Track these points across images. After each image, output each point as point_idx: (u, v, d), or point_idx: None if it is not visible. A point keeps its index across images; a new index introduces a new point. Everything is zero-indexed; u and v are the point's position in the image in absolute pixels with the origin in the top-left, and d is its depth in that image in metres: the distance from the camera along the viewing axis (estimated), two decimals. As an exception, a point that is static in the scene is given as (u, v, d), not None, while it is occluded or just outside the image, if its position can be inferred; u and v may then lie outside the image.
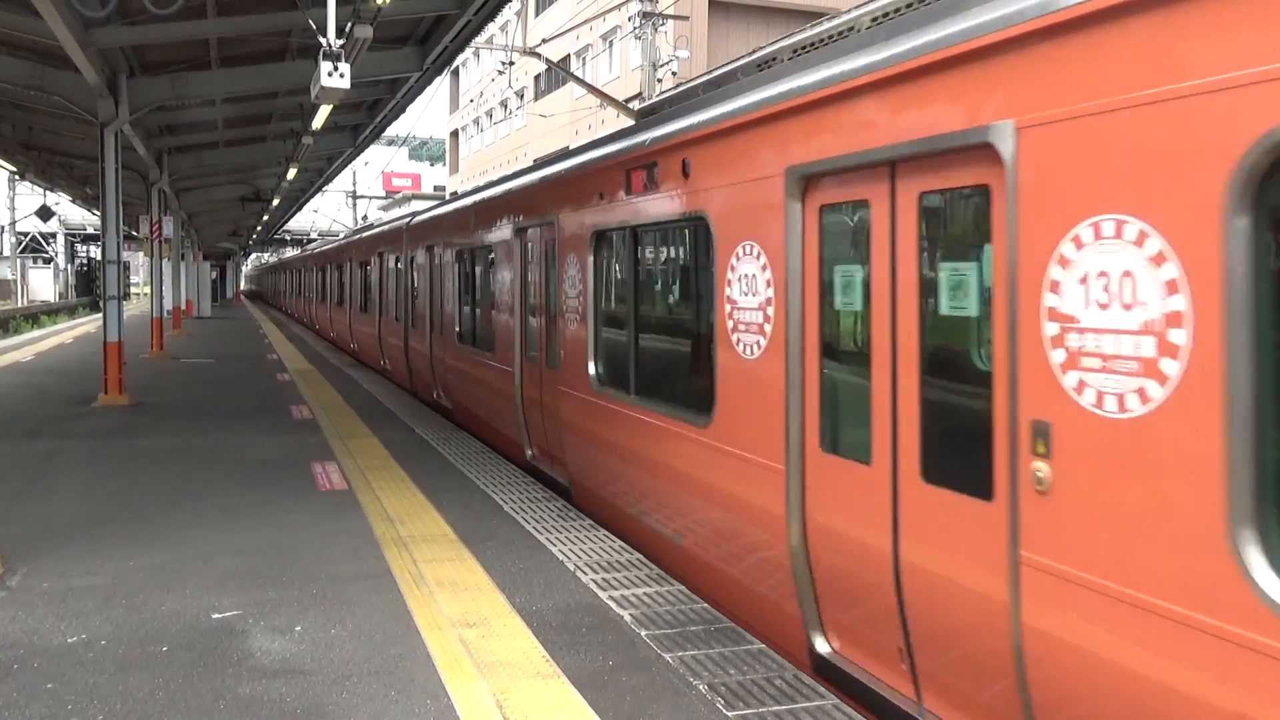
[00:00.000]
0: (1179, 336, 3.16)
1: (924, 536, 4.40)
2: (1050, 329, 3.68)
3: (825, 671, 5.20)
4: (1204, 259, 3.07)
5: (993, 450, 3.99)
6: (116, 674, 4.83)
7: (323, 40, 10.40)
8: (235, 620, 5.61)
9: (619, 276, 8.09)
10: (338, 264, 27.07)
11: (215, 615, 5.68)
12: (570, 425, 8.85)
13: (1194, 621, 3.10)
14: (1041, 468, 3.70)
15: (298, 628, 5.49)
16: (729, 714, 4.42)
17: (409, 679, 4.79)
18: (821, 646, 5.25)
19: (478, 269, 12.68)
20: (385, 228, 20.83)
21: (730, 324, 5.96)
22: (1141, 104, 3.29)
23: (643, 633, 5.41)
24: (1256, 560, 2.94)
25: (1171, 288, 3.19)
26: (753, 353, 5.69)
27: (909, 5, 5.08)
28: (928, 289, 4.44)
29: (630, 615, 5.68)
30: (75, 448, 10.99)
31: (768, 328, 5.53)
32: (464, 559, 6.79)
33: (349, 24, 10.47)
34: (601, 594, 6.06)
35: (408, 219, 18.19)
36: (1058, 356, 3.65)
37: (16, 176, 26.61)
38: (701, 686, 4.71)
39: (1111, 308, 3.43)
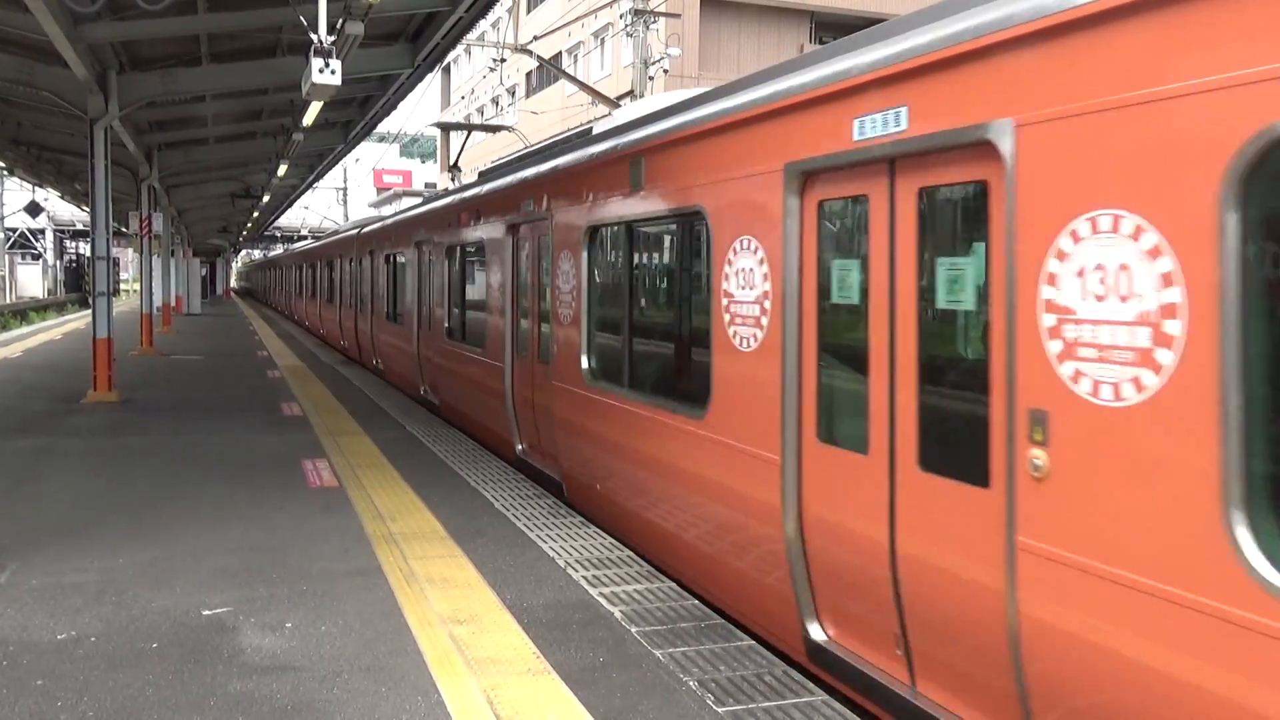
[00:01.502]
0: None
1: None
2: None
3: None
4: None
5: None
6: (106, 670, 4.83)
7: (314, 37, 10.38)
8: (226, 617, 5.61)
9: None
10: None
11: (206, 612, 5.68)
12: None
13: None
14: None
15: (288, 624, 5.49)
16: (719, 710, 4.44)
17: (400, 675, 4.80)
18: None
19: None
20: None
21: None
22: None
23: (633, 629, 5.43)
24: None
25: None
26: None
27: None
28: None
29: (620, 612, 5.70)
30: (64, 444, 10.95)
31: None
32: (455, 556, 6.80)
33: (340, 20, 10.45)
34: (592, 591, 6.08)
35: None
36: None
37: (5, 172, 26.50)
38: (692, 683, 4.73)
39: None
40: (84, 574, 6.34)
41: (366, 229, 21.54)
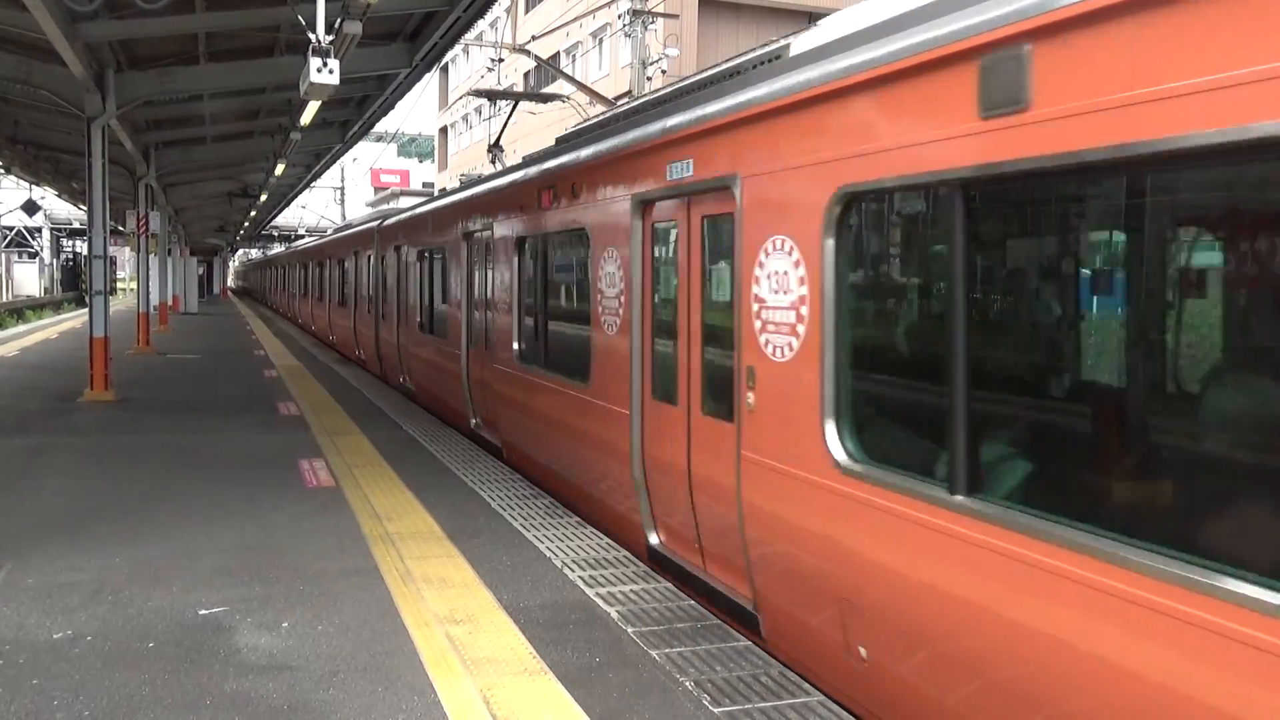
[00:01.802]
0: None
1: None
2: None
3: None
4: None
5: None
6: (102, 670, 4.83)
7: (312, 36, 10.37)
8: (222, 616, 5.60)
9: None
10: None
11: (202, 611, 5.67)
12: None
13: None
14: None
15: (285, 624, 5.49)
16: (715, 710, 4.44)
17: (396, 675, 4.80)
18: None
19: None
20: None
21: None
22: None
23: (629, 630, 5.43)
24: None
25: None
26: None
27: None
28: None
29: (617, 612, 5.70)
30: (60, 443, 10.94)
31: None
32: (451, 556, 6.79)
33: (338, 20, 10.44)
34: (589, 591, 6.08)
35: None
36: None
37: (2, 171, 26.46)
38: (688, 683, 4.73)
39: None
40: (80, 573, 6.34)
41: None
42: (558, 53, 45.26)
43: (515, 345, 10.28)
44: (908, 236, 4.89)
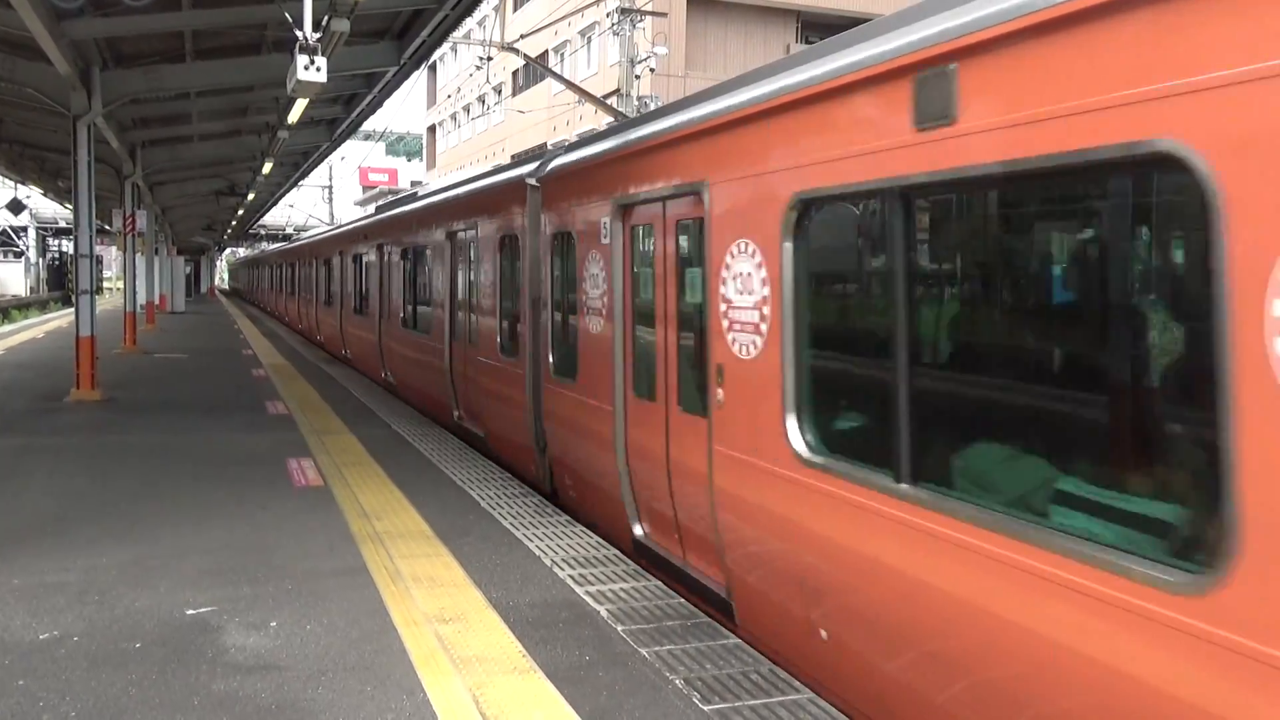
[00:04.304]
0: None
1: None
2: None
3: None
4: None
5: None
6: (89, 670, 4.80)
7: (299, 33, 10.33)
8: (209, 616, 5.58)
9: None
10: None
11: (189, 611, 5.65)
12: None
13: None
14: None
15: (273, 624, 5.47)
16: (705, 708, 4.44)
17: (385, 674, 4.79)
18: None
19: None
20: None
21: None
22: None
23: (619, 628, 5.42)
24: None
25: None
26: None
27: None
28: None
29: (607, 610, 5.69)
30: (46, 443, 10.88)
31: None
32: (440, 555, 6.78)
33: (325, 17, 10.41)
34: (578, 589, 6.07)
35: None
36: None
37: (-13, 169, 26.30)
38: (678, 681, 4.73)
39: None
40: (66, 573, 6.30)
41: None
42: (546, 51, 45.19)
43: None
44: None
